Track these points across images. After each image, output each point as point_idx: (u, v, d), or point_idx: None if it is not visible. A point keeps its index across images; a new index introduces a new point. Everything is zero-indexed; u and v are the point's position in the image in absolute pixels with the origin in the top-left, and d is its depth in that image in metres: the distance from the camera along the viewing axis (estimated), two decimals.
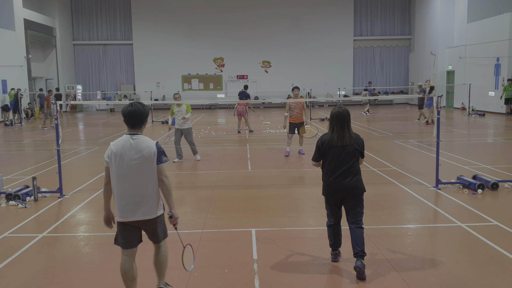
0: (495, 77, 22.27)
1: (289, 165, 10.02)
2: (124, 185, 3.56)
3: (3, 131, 18.46)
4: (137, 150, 3.54)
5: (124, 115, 3.60)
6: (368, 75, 32.41)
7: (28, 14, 25.04)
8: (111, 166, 3.60)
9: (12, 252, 5.06)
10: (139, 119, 3.61)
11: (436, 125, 7.65)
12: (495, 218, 5.95)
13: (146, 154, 3.54)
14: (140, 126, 3.64)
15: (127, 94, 30.55)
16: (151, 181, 3.57)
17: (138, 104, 3.62)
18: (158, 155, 3.56)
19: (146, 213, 3.60)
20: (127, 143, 3.58)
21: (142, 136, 3.61)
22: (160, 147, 3.60)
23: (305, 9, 31.25)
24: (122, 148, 3.58)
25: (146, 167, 3.55)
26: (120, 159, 3.56)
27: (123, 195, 3.57)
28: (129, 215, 3.59)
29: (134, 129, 3.63)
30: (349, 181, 4.33)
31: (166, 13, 31.03)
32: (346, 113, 4.42)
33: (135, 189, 3.56)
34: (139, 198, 3.57)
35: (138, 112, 3.59)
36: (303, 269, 4.52)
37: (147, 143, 3.57)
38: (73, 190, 7.88)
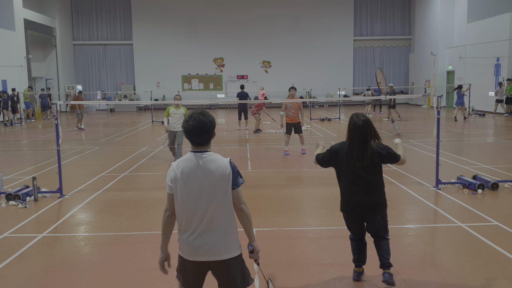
0: (495, 77, 22.27)
1: (289, 165, 10.02)
2: (191, 215, 2.80)
3: (3, 131, 18.46)
4: (208, 171, 2.78)
5: (188, 133, 2.82)
6: (368, 75, 32.42)
7: (28, 14, 25.04)
8: (176, 191, 2.82)
9: (12, 252, 5.06)
10: (207, 135, 2.82)
11: (436, 125, 7.65)
12: (495, 218, 5.95)
13: (219, 176, 2.77)
14: (208, 142, 2.86)
15: (127, 94, 30.55)
16: (227, 209, 2.81)
17: (200, 115, 2.80)
18: (234, 176, 2.80)
19: (217, 252, 2.80)
20: (195, 163, 2.80)
21: (212, 154, 2.83)
22: (235, 167, 2.82)
23: (305, 9, 31.25)
24: (189, 169, 2.80)
25: (221, 192, 2.78)
26: (189, 183, 2.79)
27: (190, 227, 2.82)
28: (193, 253, 2.83)
29: (201, 146, 2.84)
30: (368, 197, 3.92)
31: (166, 13, 31.03)
32: (367, 124, 3.89)
33: (206, 220, 2.79)
34: (211, 231, 2.79)
35: (205, 126, 2.79)
36: (303, 269, 4.52)
37: (220, 161, 2.80)
38: (73, 190, 7.88)
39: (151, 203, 7.07)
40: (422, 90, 29.35)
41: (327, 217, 6.21)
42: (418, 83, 30.38)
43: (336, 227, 5.79)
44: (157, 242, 5.34)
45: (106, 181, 8.59)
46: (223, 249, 2.80)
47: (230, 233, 2.83)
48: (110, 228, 5.94)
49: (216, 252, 2.79)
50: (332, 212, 6.42)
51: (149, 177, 9.18)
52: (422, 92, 28.95)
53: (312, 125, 18.76)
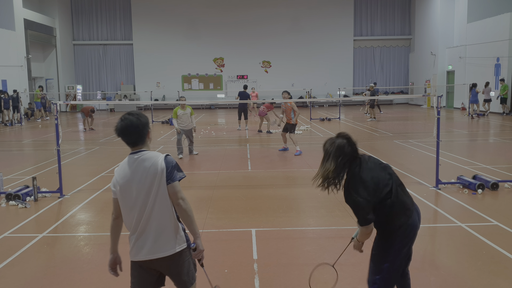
0: (495, 77, 22.27)
1: (289, 165, 10.02)
2: (132, 216, 2.83)
3: (3, 131, 18.46)
4: (142, 169, 2.76)
5: (118, 133, 2.82)
6: (368, 75, 32.42)
7: (28, 14, 25.04)
8: (119, 196, 2.86)
9: (12, 252, 5.06)
10: (138, 134, 2.80)
11: (436, 125, 7.65)
12: (495, 218, 5.95)
13: (153, 172, 2.74)
14: (142, 141, 2.83)
15: (127, 94, 30.55)
16: (162, 207, 2.79)
17: (130, 116, 2.81)
18: (169, 171, 2.76)
19: (156, 250, 2.80)
20: (131, 164, 2.80)
21: (147, 152, 2.82)
22: (171, 161, 2.80)
23: (305, 9, 31.25)
24: (126, 171, 2.81)
25: (154, 189, 2.76)
26: (127, 185, 2.80)
27: (133, 228, 2.86)
28: (138, 253, 2.85)
29: (136, 146, 2.84)
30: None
31: (166, 13, 31.03)
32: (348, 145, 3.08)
33: (142, 220, 2.80)
34: (148, 231, 2.80)
35: (133, 125, 2.78)
36: (303, 269, 4.52)
37: (154, 158, 2.78)
38: (73, 190, 7.88)
39: None
40: (422, 90, 29.35)
41: (327, 217, 6.21)
42: (418, 83, 30.38)
43: (336, 227, 5.79)
44: None
45: (106, 181, 8.59)
46: (163, 247, 2.79)
47: (168, 230, 2.81)
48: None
49: (156, 250, 2.79)
50: (332, 212, 6.42)
51: None
52: (422, 92, 28.95)
53: (312, 125, 18.76)
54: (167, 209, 2.80)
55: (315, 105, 30.85)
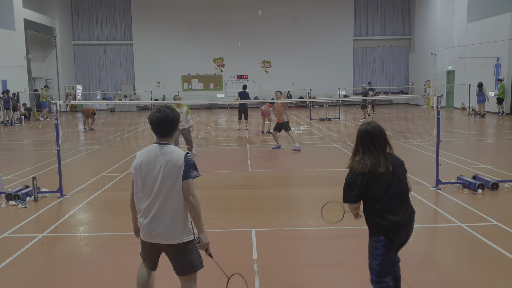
0: (495, 77, 22.28)
1: (289, 165, 10.02)
2: (145, 201, 3.12)
3: (3, 131, 18.46)
4: (163, 162, 3.06)
5: (152, 123, 3.14)
6: (368, 75, 32.43)
7: (28, 14, 25.04)
8: (136, 178, 3.16)
9: (12, 252, 5.06)
10: (169, 127, 3.14)
11: (436, 125, 7.65)
12: (495, 218, 5.95)
13: (172, 166, 3.04)
14: (170, 134, 3.17)
15: (127, 94, 30.55)
16: (176, 199, 3.06)
17: (166, 109, 3.15)
18: (186, 168, 3.03)
19: (166, 237, 3.10)
20: (154, 153, 3.11)
21: (171, 146, 3.14)
22: (189, 160, 3.07)
23: (305, 9, 31.26)
24: (147, 159, 3.11)
25: (171, 182, 3.04)
26: (143, 171, 3.11)
27: (144, 211, 3.14)
28: (146, 235, 3.15)
29: (163, 138, 3.15)
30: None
31: (166, 13, 31.03)
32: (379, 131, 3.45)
33: (156, 207, 3.08)
34: (160, 218, 3.08)
35: (168, 118, 3.12)
36: (303, 269, 4.52)
37: (175, 154, 3.07)
38: (73, 190, 7.88)
39: None
40: (422, 90, 29.36)
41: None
42: (418, 83, 30.38)
43: (336, 227, 5.78)
44: None
45: (106, 181, 8.59)
46: (171, 234, 3.09)
47: (178, 220, 3.10)
48: (110, 228, 5.94)
49: (165, 237, 3.10)
50: (332, 212, 6.40)
51: None
52: (422, 92, 28.96)
53: (312, 125, 18.76)
54: (180, 201, 3.09)
55: (315, 105, 30.86)
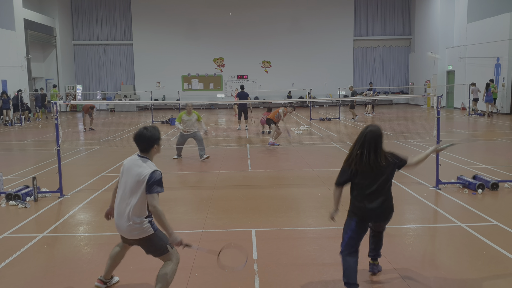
0: (495, 77, 22.28)
1: (289, 165, 10.02)
2: (118, 198, 3.76)
3: (3, 131, 18.46)
4: (134, 170, 3.68)
5: (134, 139, 3.83)
6: (368, 75, 32.43)
7: (28, 14, 25.04)
8: (120, 178, 3.84)
9: (12, 252, 5.06)
10: (144, 144, 3.76)
11: (436, 125, 7.65)
12: (495, 218, 5.95)
13: (138, 178, 3.62)
14: (146, 150, 3.77)
15: (127, 94, 30.55)
16: (136, 203, 3.63)
17: (144, 129, 3.77)
18: (149, 184, 3.59)
19: (130, 234, 3.70)
20: (132, 161, 3.77)
21: (146, 160, 3.74)
22: (154, 177, 3.61)
23: (305, 9, 31.26)
24: (127, 164, 3.78)
25: (135, 190, 3.64)
26: (123, 174, 3.77)
27: (116, 207, 3.77)
28: (117, 228, 3.80)
29: (142, 152, 3.80)
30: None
31: (166, 13, 31.04)
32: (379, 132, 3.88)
33: (123, 207, 3.68)
34: (125, 216, 3.67)
35: (143, 137, 3.75)
36: (303, 269, 4.52)
37: (143, 168, 3.65)
38: (73, 190, 7.88)
39: None
40: (422, 90, 29.36)
41: (327, 217, 6.20)
42: (418, 83, 30.39)
43: (336, 227, 5.78)
44: None
45: (106, 181, 8.59)
46: (132, 231, 3.67)
47: (136, 222, 3.64)
48: (110, 228, 5.93)
49: (128, 233, 3.70)
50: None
51: None
52: (422, 92, 28.95)
53: (312, 125, 18.75)
54: (139, 208, 3.65)
55: (315, 105, 30.86)
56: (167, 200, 7.25)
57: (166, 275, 3.68)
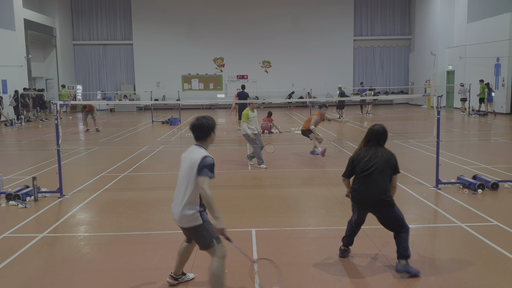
0: (495, 77, 22.28)
1: (289, 165, 10.02)
2: (177, 187, 3.88)
3: (3, 131, 18.46)
4: (188, 157, 3.81)
5: (190, 128, 3.94)
6: (368, 75, 32.43)
7: (28, 14, 25.04)
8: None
9: (12, 252, 5.06)
10: (201, 132, 3.87)
11: (436, 125, 7.65)
12: (495, 218, 5.95)
13: (191, 163, 3.73)
14: (203, 138, 3.89)
15: (127, 94, 30.55)
16: (189, 190, 3.73)
17: (202, 118, 3.89)
18: (200, 167, 3.67)
19: (181, 221, 3.81)
20: (189, 151, 3.90)
21: (200, 148, 3.84)
22: (206, 161, 3.69)
23: (305, 9, 31.26)
24: (184, 154, 3.92)
25: (188, 176, 3.74)
26: (181, 163, 3.91)
27: (174, 196, 3.89)
28: (173, 215, 3.89)
29: (197, 140, 3.91)
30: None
31: (166, 13, 31.03)
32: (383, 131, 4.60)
33: (179, 194, 3.82)
34: (179, 203, 3.80)
35: (201, 125, 3.87)
36: (303, 269, 4.52)
37: (198, 154, 3.75)
38: (73, 190, 7.88)
39: (151, 203, 7.07)
40: (422, 90, 29.36)
41: (327, 217, 6.21)
42: (418, 83, 30.39)
43: (336, 227, 5.79)
44: (157, 242, 5.37)
45: (106, 181, 8.59)
46: (184, 219, 3.78)
47: (190, 208, 3.75)
48: (110, 228, 5.94)
49: (179, 220, 3.82)
50: (332, 212, 6.42)
51: (149, 177, 9.18)
52: (422, 92, 28.95)
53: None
54: (193, 193, 3.74)
55: (315, 105, 30.83)
56: (167, 200, 7.25)
57: (214, 275, 3.77)
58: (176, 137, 15.53)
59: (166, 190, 8.05)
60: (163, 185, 8.47)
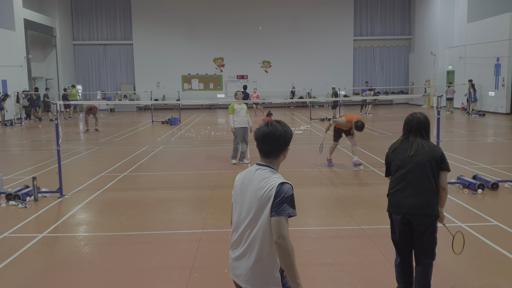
0: (495, 77, 22.28)
1: (289, 165, 10.01)
2: (237, 228, 2.59)
3: (3, 131, 18.46)
4: (254, 185, 2.53)
5: (257, 138, 2.59)
6: (368, 75, 32.43)
7: (28, 14, 25.04)
8: (234, 200, 2.72)
9: (12, 252, 5.06)
10: (276, 145, 2.56)
11: (436, 125, 7.65)
12: (495, 218, 5.95)
13: (260, 194, 2.46)
14: (276, 154, 2.60)
15: (127, 94, 30.55)
16: (263, 236, 2.44)
17: (277, 124, 2.57)
18: (278, 202, 2.38)
19: (246, 280, 2.49)
20: (250, 174, 2.61)
21: (271, 170, 2.57)
22: (284, 191, 2.41)
23: (305, 9, 31.26)
24: (243, 179, 2.66)
25: (258, 213, 2.45)
26: (240, 194, 2.66)
27: (232, 243, 2.62)
28: (233, 273, 2.60)
29: (266, 158, 2.62)
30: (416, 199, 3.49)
31: (166, 13, 31.03)
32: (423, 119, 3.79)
33: (243, 241, 2.52)
34: (245, 256, 2.50)
35: (276, 135, 2.53)
36: (303, 269, 4.52)
37: (270, 181, 2.48)
38: (73, 190, 7.88)
39: (151, 203, 7.07)
40: (422, 90, 29.35)
41: (327, 217, 6.21)
42: (418, 83, 30.38)
43: (336, 227, 5.79)
44: (157, 242, 5.37)
45: (106, 181, 8.59)
46: (253, 279, 2.46)
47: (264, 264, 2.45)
48: (110, 228, 5.94)
49: (247, 280, 2.48)
50: (332, 212, 6.42)
51: (149, 177, 9.18)
52: (422, 92, 28.95)
53: (312, 125, 18.75)
54: (268, 241, 2.43)
55: (315, 105, 30.85)
56: (167, 200, 7.26)
57: None
58: (176, 137, 15.53)
59: (166, 190, 8.05)
60: (163, 185, 8.47)
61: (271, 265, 2.46)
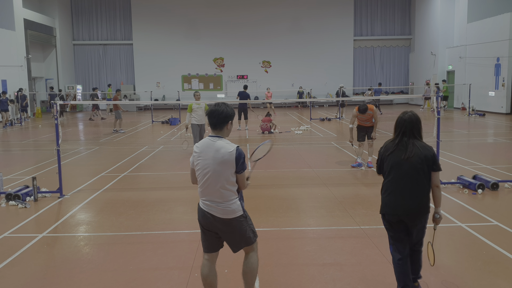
0: (495, 77, 22.28)
1: (289, 165, 10.01)
2: (203, 185, 3.52)
3: (3, 131, 18.46)
4: (215, 151, 3.46)
5: (207, 114, 3.59)
6: (368, 75, 32.43)
7: (28, 14, 25.04)
8: (196, 167, 3.57)
9: (12, 252, 5.06)
10: (218, 119, 3.53)
11: (436, 125, 7.65)
12: (495, 218, 5.95)
13: (223, 159, 3.43)
14: (220, 127, 3.56)
15: (127, 94, 30.55)
16: (226, 184, 3.46)
17: (222, 104, 3.58)
18: (242, 162, 3.46)
19: (220, 212, 3.50)
20: (208, 143, 3.53)
21: (221, 139, 3.53)
22: (242, 154, 3.46)
23: (305, 9, 31.26)
24: (203, 148, 3.53)
25: (222, 171, 3.44)
26: (202, 159, 3.51)
27: (204, 194, 3.55)
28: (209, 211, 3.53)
29: (215, 130, 3.57)
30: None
31: (166, 13, 31.03)
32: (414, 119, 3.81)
33: (212, 190, 3.49)
34: (216, 198, 3.50)
35: (219, 111, 3.53)
36: (303, 269, 4.52)
37: (226, 147, 3.47)
38: (73, 190, 7.88)
39: (151, 203, 7.07)
40: (422, 90, 29.34)
41: (327, 217, 6.21)
42: (418, 83, 30.38)
43: (336, 227, 5.79)
44: (157, 242, 5.37)
45: (106, 181, 8.59)
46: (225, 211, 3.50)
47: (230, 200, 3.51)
48: (110, 228, 5.94)
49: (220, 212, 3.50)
50: (332, 212, 6.42)
51: (149, 177, 9.18)
52: (422, 92, 28.93)
53: (312, 125, 18.75)
54: (230, 186, 3.50)
55: (315, 105, 30.85)
56: (167, 200, 7.26)
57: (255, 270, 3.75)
58: (176, 137, 15.52)
59: (166, 190, 8.05)
60: (163, 185, 8.47)
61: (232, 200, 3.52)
